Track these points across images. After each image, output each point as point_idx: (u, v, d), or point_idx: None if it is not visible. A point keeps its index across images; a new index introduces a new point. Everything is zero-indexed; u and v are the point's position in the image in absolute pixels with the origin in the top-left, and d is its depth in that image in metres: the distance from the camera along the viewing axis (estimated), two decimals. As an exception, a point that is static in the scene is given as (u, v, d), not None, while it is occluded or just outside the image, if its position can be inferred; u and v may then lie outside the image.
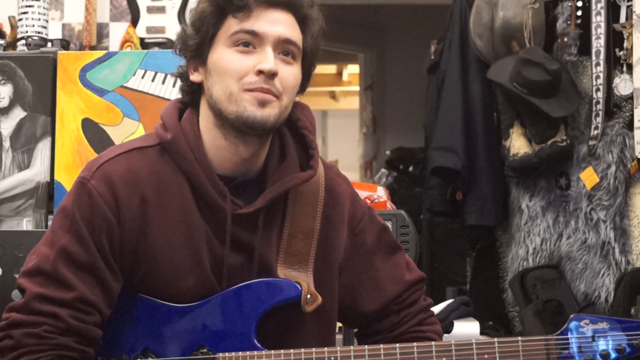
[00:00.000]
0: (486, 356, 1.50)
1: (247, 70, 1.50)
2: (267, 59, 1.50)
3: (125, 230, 1.51)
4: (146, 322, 1.53)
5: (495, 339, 1.51)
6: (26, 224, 2.25)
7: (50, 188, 2.27)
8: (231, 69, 1.51)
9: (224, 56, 1.52)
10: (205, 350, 1.51)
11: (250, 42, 1.51)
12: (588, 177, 3.21)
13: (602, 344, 1.49)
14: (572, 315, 1.52)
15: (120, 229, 1.50)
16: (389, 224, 2.36)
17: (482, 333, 2.81)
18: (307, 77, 1.62)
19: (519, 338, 1.50)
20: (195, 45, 1.56)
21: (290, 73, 1.54)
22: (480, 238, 3.75)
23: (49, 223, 2.26)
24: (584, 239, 3.22)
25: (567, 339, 1.50)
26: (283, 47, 1.53)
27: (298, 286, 1.53)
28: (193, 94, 1.60)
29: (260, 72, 1.50)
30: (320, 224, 1.61)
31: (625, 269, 3.11)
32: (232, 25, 1.52)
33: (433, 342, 1.51)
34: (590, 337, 1.49)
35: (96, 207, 1.49)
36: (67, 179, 2.25)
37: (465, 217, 3.57)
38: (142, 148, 1.57)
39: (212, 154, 1.56)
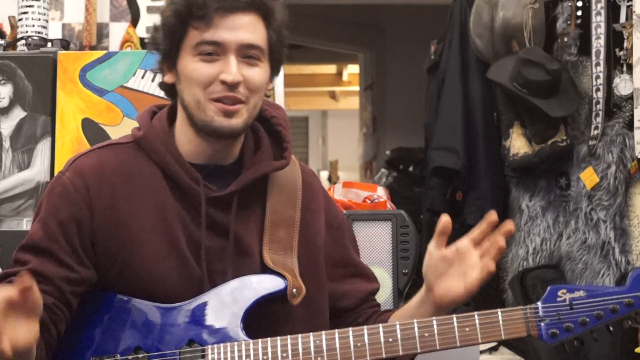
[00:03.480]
0: (467, 329, 1.52)
1: (211, 80, 1.56)
2: (230, 69, 1.55)
3: (97, 218, 1.56)
4: (137, 322, 1.55)
5: (475, 312, 1.53)
6: (26, 224, 2.25)
7: (50, 188, 2.27)
8: (196, 78, 1.56)
9: (189, 65, 1.57)
10: (194, 344, 1.53)
11: (212, 51, 1.56)
12: (588, 177, 3.21)
13: (580, 312, 1.50)
14: (549, 287, 1.53)
15: (92, 217, 1.56)
16: (389, 224, 2.37)
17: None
18: (276, 67, 1.66)
19: (499, 310, 1.52)
20: (165, 51, 1.61)
21: (255, 75, 1.58)
22: (480, 238, 3.74)
23: (49, 223, 2.26)
24: (584, 239, 3.22)
25: (546, 308, 1.51)
26: (246, 52, 1.57)
27: (284, 280, 1.57)
28: (169, 90, 1.66)
29: (223, 82, 1.55)
30: (301, 213, 1.66)
31: (625, 269, 3.11)
32: (194, 35, 1.56)
33: (415, 320, 1.53)
34: (567, 305, 1.50)
35: (66, 195, 1.56)
36: (67, 179, 2.25)
37: (465, 217, 3.57)
38: (115, 144, 1.65)
39: (185, 147, 1.62)
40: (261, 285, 1.57)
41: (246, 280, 1.57)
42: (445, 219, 1.56)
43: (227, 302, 1.55)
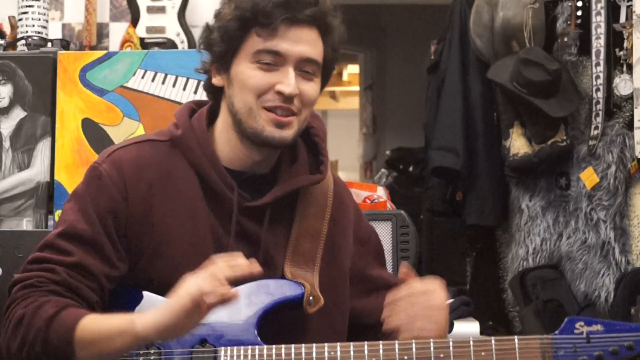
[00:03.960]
0: (483, 353, 1.51)
1: (267, 88, 1.54)
2: (288, 81, 1.53)
3: (131, 212, 1.54)
4: None
5: (492, 338, 1.53)
6: (26, 224, 2.25)
7: (50, 188, 2.27)
8: (252, 85, 1.54)
9: (246, 71, 1.55)
10: (207, 344, 1.52)
11: (272, 61, 1.54)
12: (588, 177, 3.21)
13: (596, 346, 1.50)
14: (567, 318, 1.53)
15: (127, 210, 1.54)
16: (389, 224, 2.37)
17: (482, 333, 2.81)
18: (325, 81, 1.64)
19: (516, 337, 1.52)
20: (219, 53, 1.58)
21: (310, 89, 1.57)
22: (480, 238, 3.74)
23: (49, 223, 2.26)
24: (584, 239, 3.22)
25: (563, 339, 1.51)
26: (304, 66, 1.56)
27: (301, 287, 1.55)
28: (215, 92, 1.63)
29: (279, 93, 1.53)
30: (328, 227, 1.64)
31: (625, 269, 3.11)
32: (256, 42, 1.54)
33: (431, 339, 1.52)
34: (584, 338, 1.50)
35: (104, 187, 1.54)
36: (67, 179, 2.25)
37: (465, 217, 3.57)
38: (153, 141, 1.62)
39: (223, 151, 1.60)
40: (278, 290, 1.55)
41: (263, 283, 1.56)
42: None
43: (243, 304, 1.54)
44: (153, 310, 1.42)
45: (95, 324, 1.44)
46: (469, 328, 2.45)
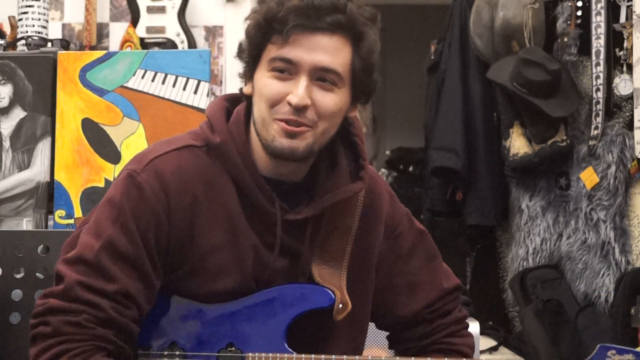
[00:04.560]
0: None
1: (280, 99, 1.47)
2: (298, 91, 1.46)
3: (174, 227, 1.48)
4: (176, 317, 1.52)
5: None
6: (26, 224, 2.25)
7: (50, 188, 2.27)
8: (265, 94, 1.49)
9: (262, 79, 1.50)
10: (233, 348, 1.51)
11: (285, 69, 1.48)
12: (588, 177, 3.22)
13: None
14: (599, 345, 1.49)
15: (170, 225, 1.48)
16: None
17: (482, 333, 2.81)
18: (360, 95, 1.57)
19: None
20: (246, 61, 1.55)
21: (328, 100, 1.49)
22: (480, 238, 3.75)
23: (49, 223, 2.26)
24: (584, 239, 3.22)
25: None
26: (321, 75, 1.48)
27: (332, 294, 1.52)
28: (248, 100, 1.58)
29: (290, 103, 1.47)
30: (358, 223, 1.59)
31: (625, 269, 3.11)
32: (271, 50, 1.49)
33: None
34: None
35: (146, 201, 1.46)
36: (67, 179, 2.25)
37: (465, 217, 3.58)
38: (192, 147, 1.54)
39: (259, 158, 1.54)
40: (309, 297, 1.52)
41: (294, 290, 1.53)
42: None
43: (272, 310, 1.51)
44: None
45: None
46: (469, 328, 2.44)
